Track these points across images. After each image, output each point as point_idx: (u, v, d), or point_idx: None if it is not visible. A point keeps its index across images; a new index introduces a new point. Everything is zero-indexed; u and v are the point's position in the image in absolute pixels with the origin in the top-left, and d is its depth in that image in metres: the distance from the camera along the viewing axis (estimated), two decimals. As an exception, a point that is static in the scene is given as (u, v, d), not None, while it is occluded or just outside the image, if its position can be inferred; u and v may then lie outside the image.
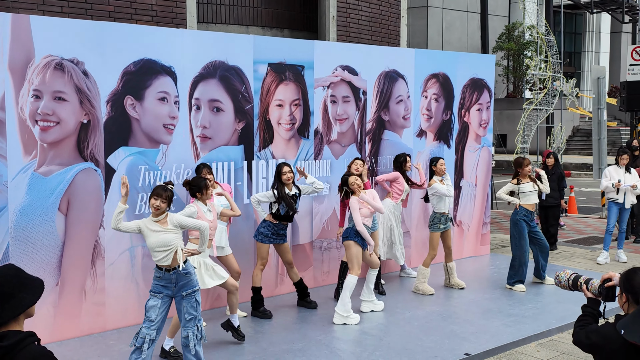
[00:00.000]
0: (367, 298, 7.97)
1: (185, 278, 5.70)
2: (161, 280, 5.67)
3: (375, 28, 13.60)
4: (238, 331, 6.84)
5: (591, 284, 3.82)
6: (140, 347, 5.57)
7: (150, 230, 5.63)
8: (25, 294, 2.97)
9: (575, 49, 44.43)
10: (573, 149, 32.60)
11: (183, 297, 5.72)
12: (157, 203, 5.59)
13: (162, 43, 7.36)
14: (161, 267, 5.67)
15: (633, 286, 3.31)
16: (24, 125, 6.51)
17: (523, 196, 9.02)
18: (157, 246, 5.60)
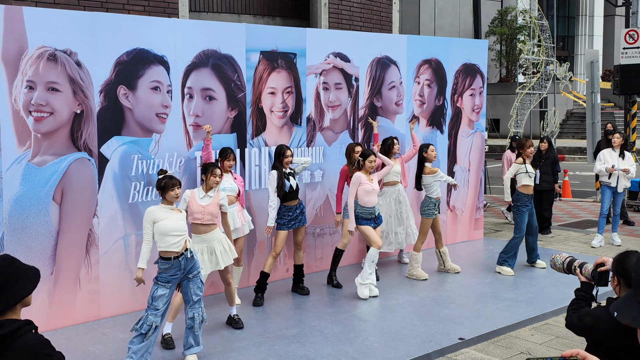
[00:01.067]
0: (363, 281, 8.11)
1: (192, 261, 5.92)
2: (170, 269, 5.77)
3: (367, 15, 13.60)
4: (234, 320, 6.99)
5: (585, 268, 3.86)
6: (146, 333, 5.65)
7: (164, 216, 5.81)
8: (21, 283, 3.00)
9: (569, 32, 44.39)
10: (567, 133, 32.66)
11: (190, 279, 5.91)
12: (177, 192, 5.87)
13: (155, 33, 7.37)
14: (168, 257, 5.75)
15: (625, 269, 3.36)
16: (18, 116, 6.52)
17: (523, 177, 9.08)
18: (173, 230, 5.77)
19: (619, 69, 16.45)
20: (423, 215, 8.89)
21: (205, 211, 6.55)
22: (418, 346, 6.50)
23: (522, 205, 9.08)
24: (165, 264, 5.77)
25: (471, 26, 31.84)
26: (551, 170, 11.69)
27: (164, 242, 5.77)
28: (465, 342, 6.69)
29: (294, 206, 7.84)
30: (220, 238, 6.68)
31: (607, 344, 3.38)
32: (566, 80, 18.24)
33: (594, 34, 43.85)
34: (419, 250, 8.91)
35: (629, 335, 3.24)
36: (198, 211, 6.53)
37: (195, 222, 6.54)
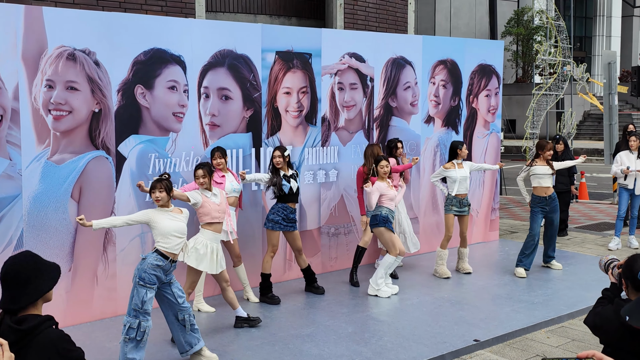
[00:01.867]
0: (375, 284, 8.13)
1: (175, 267, 5.90)
2: (159, 270, 5.70)
3: (382, 15, 13.61)
4: (249, 319, 6.98)
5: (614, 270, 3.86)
6: (141, 339, 5.62)
7: (164, 217, 5.76)
8: (43, 279, 3.06)
9: (586, 33, 44.10)
10: (584, 134, 32.45)
11: (170, 283, 5.86)
12: (156, 194, 5.77)
13: (172, 33, 7.43)
14: (167, 256, 5.73)
15: (632, 272, 3.37)
16: (38, 114, 6.60)
17: (534, 178, 9.04)
18: (175, 230, 5.75)
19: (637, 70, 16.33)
20: (444, 211, 9.04)
21: (221, 209, 6.61)
22: (432, 347, 6.51)
23: (537, 207, 9.03)
24: (160, 261, 5.69)
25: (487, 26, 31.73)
26: (567, 171, 11.63)
27: (167, 242, 5.74)
28: (480, 344, 6.68)
29: (291, 208, 7.82)
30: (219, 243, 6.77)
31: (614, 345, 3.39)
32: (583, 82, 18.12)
33: (611, 34, 43.54)
34: (444, 248, 8.97)
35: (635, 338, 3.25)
36: (215, 209, 6.57)
37: (213, 221, 6.57)
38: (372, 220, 7.98)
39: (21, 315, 2.99)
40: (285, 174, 7.72)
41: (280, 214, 7.73)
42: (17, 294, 2.99)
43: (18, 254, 3.11)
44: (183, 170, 7.59)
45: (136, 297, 5.63)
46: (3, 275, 3.03)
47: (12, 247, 6.53)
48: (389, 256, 7.94)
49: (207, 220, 6.56)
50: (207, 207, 6.54)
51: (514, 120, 30.82)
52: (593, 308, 3.71)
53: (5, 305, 3.01)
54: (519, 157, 23.95)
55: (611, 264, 3.94)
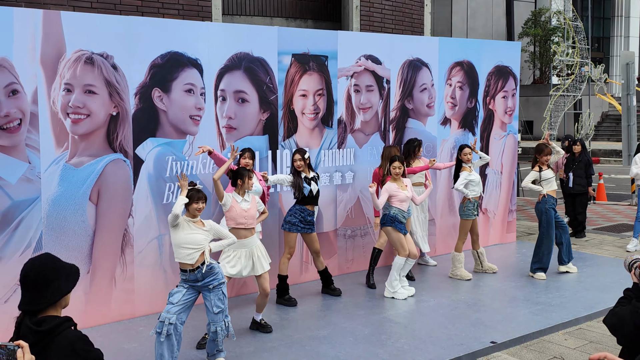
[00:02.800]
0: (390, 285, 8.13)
1: (211, 272, 5.80)
2: (187, 281, 5.77)
3: (398, 17, 13.60)
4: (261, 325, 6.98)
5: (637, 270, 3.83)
6: (161, 332, 5.63)
7: (184, 228, 5.74)
8: (62, 281, 3.09)
9: (604, 33, 43.78)
10: (602, 135, 32.20)
11: (210, 289, 5.81)
12: (200, 206, 5.77)
13: (189, 36, 7.47)
14: (185, 269, 5.74)
15: None
16: (56, 118, 6.67)
17: (546, 183, 9.00)
18: (186, 243, 5.69)
19: (655, 70, 16.17)
20: (462, 217, 8.94)
21: (248, 215, 6.61)
22: (449, 349, 6.49)
23: (550, 207, 8.98)
24: (183, 275, 5.77)
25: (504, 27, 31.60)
26: (585, 173, 11.57)
27: (178, 253, 5.75)
28: (497, 346, 6.66)
29: (309, 210, 7.83)
30: (258, 244, 6.74)
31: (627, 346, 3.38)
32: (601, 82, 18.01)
33: (629, 35, 43.20)
34: (460, 251, 8.96)
35: None
36: (242, 215, 6.59)
37: (239, 227, 6.57)
38: (382, 219, 8.03)
39: (40, 316, 3.02)
40: (307, 176, 7.74)
41: (297, 215, 7.75)
42: (37, 296, 3.02)
43: (37, 257, 3.14)
44: (200, 172, 7.63)
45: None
46: (23, 278, 3.06)
47: (32, 249, 6.60)
48: (399, 257, 7.94)
49: (232, 226, 6.58)
50: (234, 212, 6.55)
51: (532, 121, 30.66)
52: (613, 308, 3.70)
53: (24, 307, 3.04)
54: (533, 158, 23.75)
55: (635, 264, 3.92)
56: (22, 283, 3.06)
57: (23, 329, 2.99)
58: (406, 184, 8.00)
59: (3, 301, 6.45)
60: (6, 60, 6.34)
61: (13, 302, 6.36)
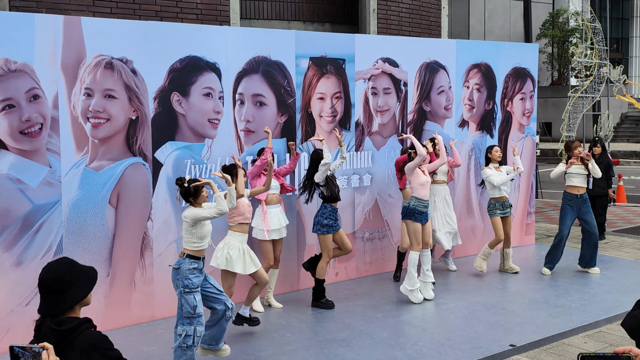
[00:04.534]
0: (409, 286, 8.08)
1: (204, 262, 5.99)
2: (197, 270, 5.77)
3: (415, 20, 13.59)
4: (251, 320, 6.96)
5: None
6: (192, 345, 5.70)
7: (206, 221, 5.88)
8: (79, 286, 3.12)
9: (623, 34, 43.43)
10: (621, 137, 31.94)
11: (205, 276, 5.94)
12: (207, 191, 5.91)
13: (207, 40, 7.52)
14: (199, 257, 5.79)
15: None
16: (76, 122, 6.74)
17: (567, 177, 9.07)
18: (209, 233, 5.88)
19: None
20: (489, 215, 9.16)
21: (250, 209, 6.85)
22: (468, 352, 6.48)
23: (566, 203, 9.04)
24: (194, 263, 5.75)
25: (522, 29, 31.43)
26: (605, 174, 11.48)
27: (201, 242, 5.81)
28: (517, 349, 6.64)
29: (335, 207, 7.84)
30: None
31: None
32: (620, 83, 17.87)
33: (649, 35, 42.82)
34: (492, 247, 9.10)
35: None
36: (248, 211, 6.75)
37: (245, 222, 6.74)
38: (402, 212, 8.05)
39: (61, 318, 3.06)
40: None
41: (332, 217, 7.74)
42: (55, 301, 3.05)
43: (54, 261, 3.17)
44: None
45: (186, 305, 5.67)
46: (41, 283, 3.09)
47: (52, 252, 6.67)
48: (412, 252, 7.88)
49: (240, 221, 6.70)
50: (241, 207, 6.67)
51: (550, 123, 30.47)
52: (631, 310, 3.67)
53: (43, 311, 3.08)
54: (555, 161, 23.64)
55: None
56: (40, 287, 3.09)
57: (44, 329, 3.03)
58: (423, 169, 7.97)
59: (24, 304, 6.52)
60: (27, 65, 6.42)
61: (34, 305, 6.38)
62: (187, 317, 5.68)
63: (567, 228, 9.11)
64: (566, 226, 9.10)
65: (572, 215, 9.07)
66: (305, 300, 8.06)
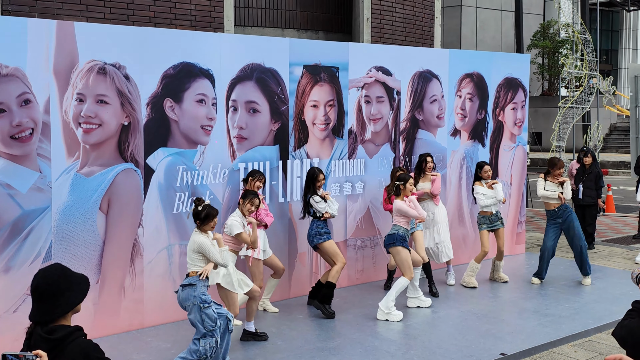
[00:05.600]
0: (413, 294, 8.11)
1: None
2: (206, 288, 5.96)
3: (409, 29, 13.63)
4: (257, 334, 6.95)
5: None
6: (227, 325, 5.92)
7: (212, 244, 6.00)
8: (73, 292, 3.10)
9: (612, 46, 43.77)
10: (610, 147, 32.14)
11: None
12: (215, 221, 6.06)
13: (201, 47, 7.51)
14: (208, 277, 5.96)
15: None
16: (68, 127, 6.70)
17: None
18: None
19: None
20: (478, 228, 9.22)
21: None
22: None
23: (548, 220, 9.27)
24: (207, 281, 5.95)
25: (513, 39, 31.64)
26: (594, 185, 11.54)
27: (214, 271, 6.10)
28: (507, 358, 6.64)
29: (324, 221, 7.86)
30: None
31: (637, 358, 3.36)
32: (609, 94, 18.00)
33: (637, 47, 43.19)
34: (478, 261, 9.09)
35: None
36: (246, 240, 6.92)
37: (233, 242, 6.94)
38: (389, 239, 7.78)
39: (51, 326, 3.03)
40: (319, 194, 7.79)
41: (322, 227, 7.77)
42: (48, 307, 3.02)
43: (48, 267, 3.15)
44: (210, 182, 7.64)
45: (207, 320, 5.78)
46: (34, 288, 3.07)
47: (41, 258, 6.61)
48: (403, 279, 7.69)
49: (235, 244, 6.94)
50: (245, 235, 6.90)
51: (540, 133, 30.62)
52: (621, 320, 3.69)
53: (35, 318, 3.05)
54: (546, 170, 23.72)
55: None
56: (33, 294, 3.06)
57: (35, 338, 3.00)
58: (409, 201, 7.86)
59: (12, 310, 6.46)
60: (19, 70, 6.38)
61: (22, 312, 6.37)
62: (210, 330, 5.80)
63: (550, 240, 9.26)
64: (549, 238, 9.27)
65: (554, 229, 9.18)
66: (297, 308, 8.04)
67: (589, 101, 17.05)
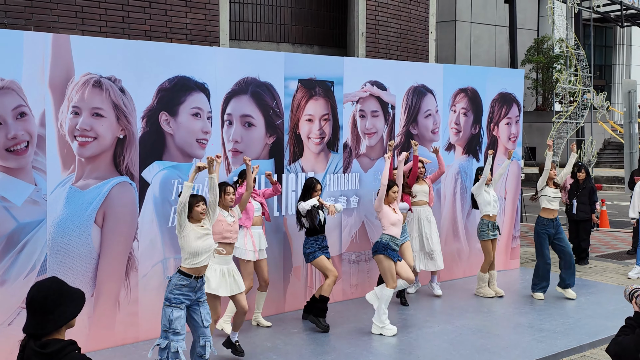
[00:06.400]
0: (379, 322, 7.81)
1: (203, 283, 5.91)
2: (184, 288, 5.71)
3: (403, 44, 13.70)
4: (236, 348, 6.84)
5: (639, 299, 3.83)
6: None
7: (198, 234, 5.78)
8: (68, 306, 3.09)
9: (606, 61, 44.02)
10: (604, 162, 32.26)
11: (200, 303, 5.87)
12: (202, 208, 5.86)
13: (196, 60, 7.54)
14: (190, 274, 5.73)
15: None
16: (63, 140, 6.71)
17: (544, 199, 9.20)
18: (204, 249, 5.78)
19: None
20: (479, 238, 9.24)
21: (233, 229, 6.67)
22: (454, 375, 6.46)
23: (541, 229, 9.17)
24: (183, 280, 5.70)
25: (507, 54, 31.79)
26: (588, 200, 11.58)
27: (194, 260, 5.74)
28: (502, 373, 6.63)
29: (320, 236, 7.84)
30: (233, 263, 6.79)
31: None
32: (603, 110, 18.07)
33: (631, 63, 43.43)
34: (485, 271, 9.19)
35: None
36: (228, 230, 6.63)
37: (225, 241, 6.61)
38: (373, 247, 7.78)
39: (45, 340, 3.02)
40: (315, 205, 7.76)
41: (314, 245, 7.75)
42: (43, 320, 3.02)
43: (44, 280, 3.14)
44: (206, 195, 7.63)
45: (163, 317, 5.67)
46: (30, 301, 3.06)
47: (36, 272, 6.60)
48: (387, 289, 7.62)
49: (217, 240, 6.55)
50: (219, 226, 6.56)
51: (535, 147, 30.71)
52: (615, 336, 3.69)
53: (30, 331, 3.04)
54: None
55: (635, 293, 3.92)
56: (29, 307, 3.06)
57: (28, 351, 2.99)
58: (394, 208, 7.82)
59: (7, 324, 6.44)
60: (15, 83, 6.40)
61: (17, 325, 6.35)
62: (163, 329, 5.66)
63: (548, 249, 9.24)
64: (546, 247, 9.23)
65: (547, 242, 9.19)
66: (291, 322, 8.02)
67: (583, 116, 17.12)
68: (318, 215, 7.73)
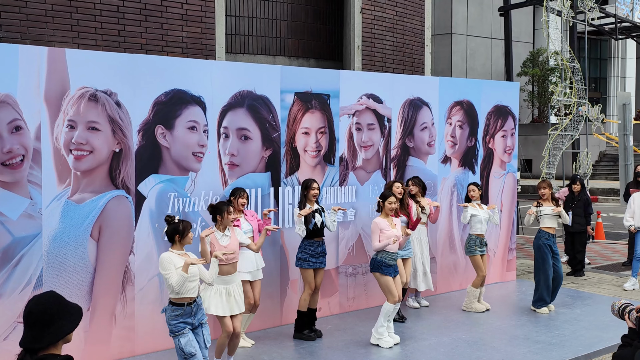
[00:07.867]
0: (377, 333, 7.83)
1: (200, 306, 5.90)
2: (181, 316, 5.72)
3: (399, 57, 13.75)
4: None
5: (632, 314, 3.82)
6: None
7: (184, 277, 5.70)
8: (66, 320, 3.09)
9: (601, 74, 44.22)
10: (600, 174, 32.32)
11: (202, 324, 5.88)
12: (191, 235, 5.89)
13: (192, 74, 7.55)
14: (181, 303, 5.71)
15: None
16: (59, 154, 6.70)
17: (542, 219, 9.16)
18: (192, 276, 5.73)
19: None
20: (467, 254, 9.21)
21: (229, 249, 6.55)
22: (451, 388, 6.44)
23: (543, 242, 9.14)
24: (177, 311, 5.71)
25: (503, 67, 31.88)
26: (584, 212, 11.60)
27: (182, 290, 5.70)
28: (499, 386, 6.61)
29: (316, 242, 7.83)
30: (238, 282, 6.70)
31: None
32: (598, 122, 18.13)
33: (626, 75, 43.63)
34: (476, 286, 9.15)
35: None
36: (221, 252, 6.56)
37: (220, 263, 6.48)
38: (370, 264, 7.77)
39: (41, 354, 3.01)
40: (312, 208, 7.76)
41: (307, 251, 7.75)
42: (40, 334, 3.01)
43: (42, 294, 3.14)
44: (202, 209, 7.63)
45: (176, 348, 5.75)
46: (27, 315, 3.06)
47: (32, 286, 6.58)
48: (387, 304, 7.63)
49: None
50: (213, 249, 6.47)
51: (531, 160, 30.79)
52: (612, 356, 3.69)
53: (27, 344, 3.03)
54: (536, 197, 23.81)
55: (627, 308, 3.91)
56: (26, 319, 3.05)
57: (23, 366, 2.98)
58: (395, 223, 7.77)
59: (3, 338, 6.40)
60: (10, 96, 6.40)
61: (13, 340, 6.32)
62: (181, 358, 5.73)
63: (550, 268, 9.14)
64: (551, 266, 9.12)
65: (550, 256, 9.13)
66: (288, 336, 8.00)
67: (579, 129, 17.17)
68: (312, 219, 7.71)
